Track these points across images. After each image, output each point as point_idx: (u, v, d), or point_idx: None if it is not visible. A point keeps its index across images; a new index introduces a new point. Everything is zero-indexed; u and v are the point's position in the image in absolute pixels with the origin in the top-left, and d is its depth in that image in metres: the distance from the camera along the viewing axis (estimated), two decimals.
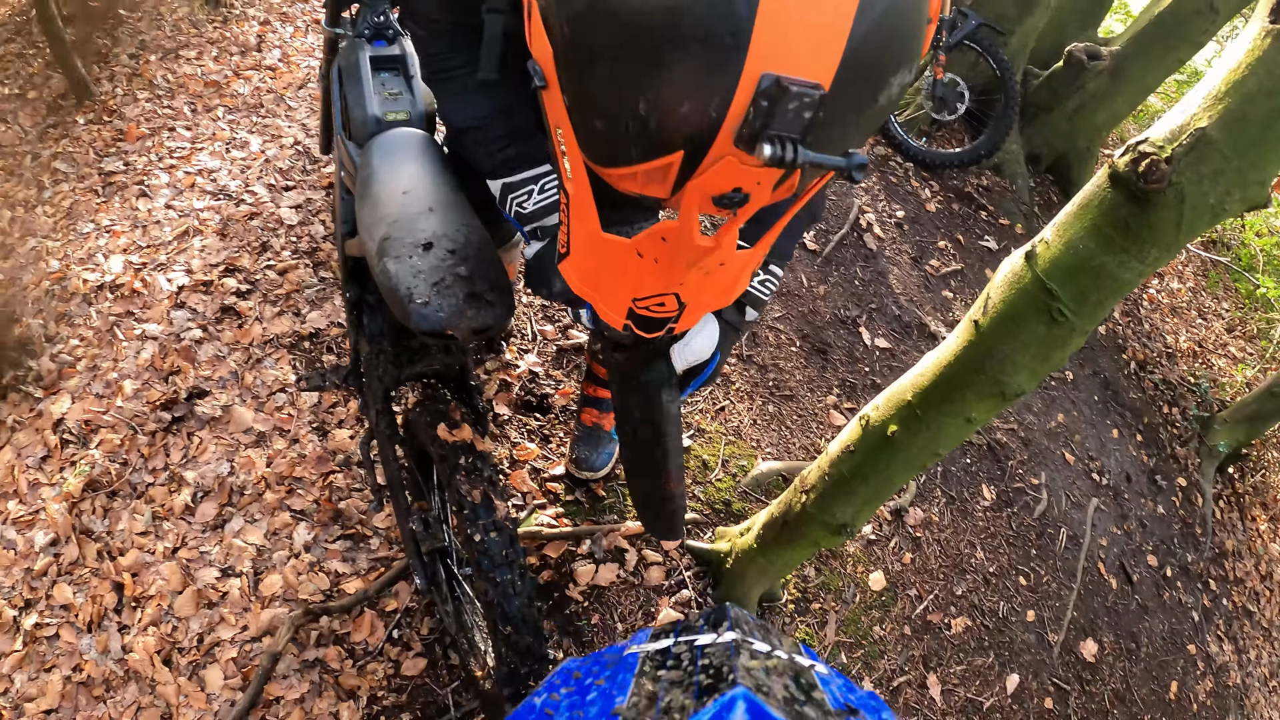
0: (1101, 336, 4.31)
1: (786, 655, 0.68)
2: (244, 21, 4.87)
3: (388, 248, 1.46)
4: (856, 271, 3.79)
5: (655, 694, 0.59)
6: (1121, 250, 1.41)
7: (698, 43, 0.71)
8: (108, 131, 3.86)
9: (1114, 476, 3.65)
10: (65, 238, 3.30)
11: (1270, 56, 1.26)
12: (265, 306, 2.97)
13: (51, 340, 2.89)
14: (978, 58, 4.65)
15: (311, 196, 3.51)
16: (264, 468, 2.53)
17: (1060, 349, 1.57)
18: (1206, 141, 1.31)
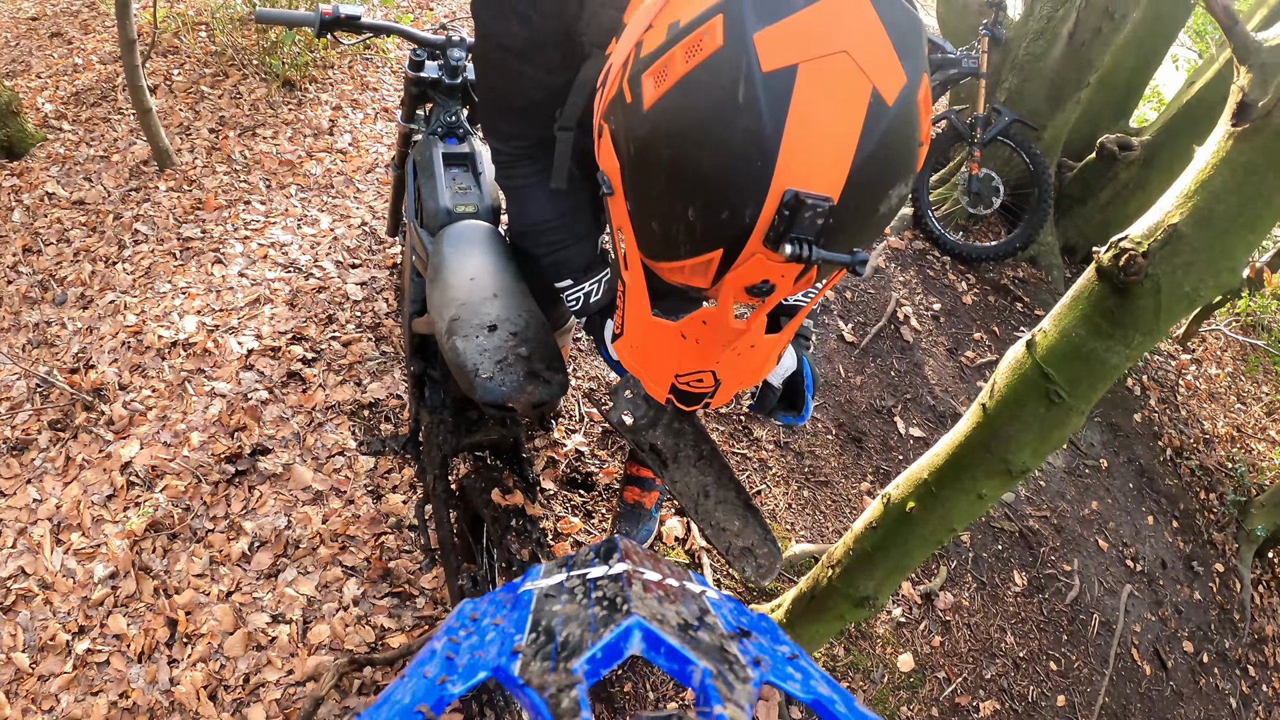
0: (1137, 424, 4.32)
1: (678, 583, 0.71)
2: (317, 106, 5.18)
3: (456, 327, 1.60)
4: (893, 363, 3.88)
5: (552, 629, 0.60)
6: (1109, 337, 1.54)
7: (736, 165, 0.88)
8: (187, 199, 4.10)
9: (1149, 563, 3.64)
10: (143, 295, 3.50)
11: (1233, 156, 1.40)
12: (329, 375, 3.14)
13: (125, 388, 3.07)
14: (1011, 153, 4.74)
15: (376, 275, 3.70)
16: (319, 524, 2.65)
17: (1059, 429, 1.68)
18: (1179, 236, 1.44)
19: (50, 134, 4.70)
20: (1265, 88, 1.38)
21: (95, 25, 6.22)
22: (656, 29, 0.94)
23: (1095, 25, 4.31)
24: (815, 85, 0.85)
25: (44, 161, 4.46)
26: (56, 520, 2.69)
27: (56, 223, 4.01)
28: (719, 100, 0.87)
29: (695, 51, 0.88)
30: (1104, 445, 4.03)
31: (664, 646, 0.56)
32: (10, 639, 2.40)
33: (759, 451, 3.19)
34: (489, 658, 0.59)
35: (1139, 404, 4.47)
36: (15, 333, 3.42)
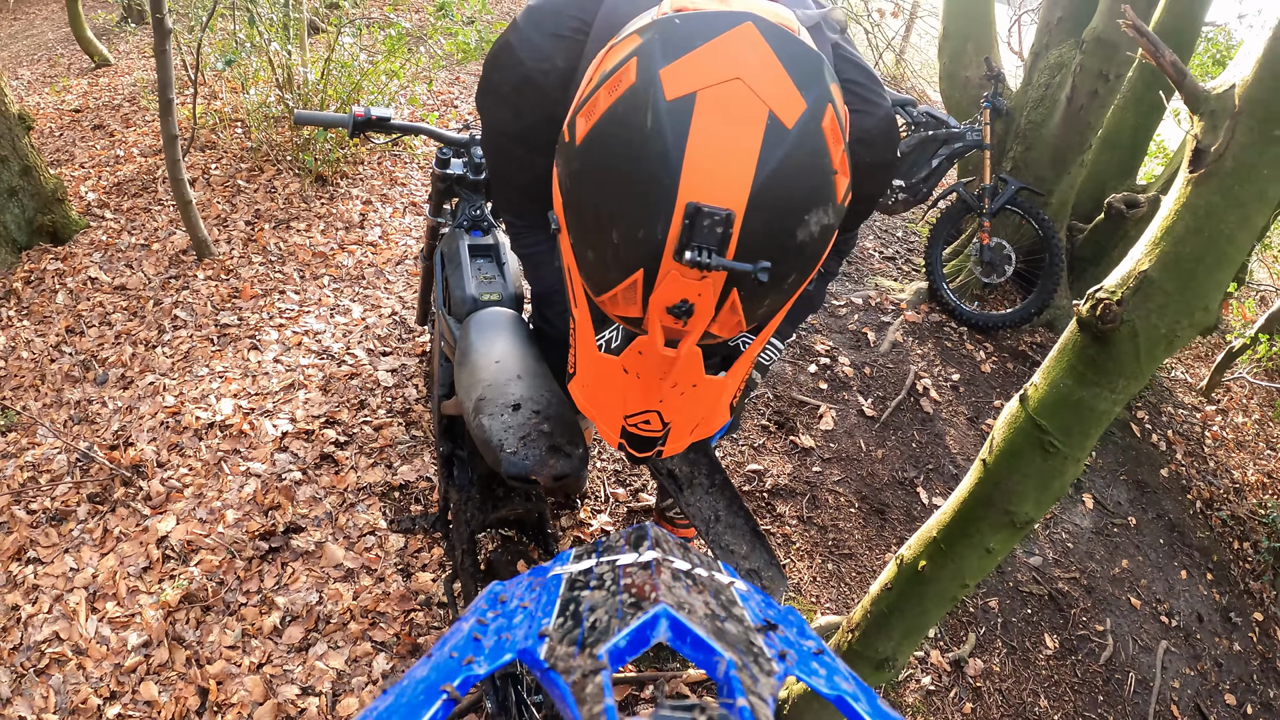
0: (1164, 479, 4.27)
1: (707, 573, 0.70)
2: (348, 200, 5.39)
3: (482, 406, 1.70)
4: (914, 434, 3.92)
5: (580, 614, 0.60)
6: (1094, 384, 1.59)
7: (648, 186, 0.97)
8: (225, 288, 4.27)
9: (1184, 618, 3.58)
10: (181, 377, 3.63)
11: (1193, 201, 1.46)
12: (361, 457, 3.23)
13: (162, 466, 3.18)
14: (1021, 220, 4.78)
15: (406, 362, 3.81)
16: (350, 600, 2.70)
17: (1058, 478, 1.72)
18: (1149, 282, 1.49)
19: (93, 221, 4.91)
20: (1216, 133, 1.46)
21: (136, 119, 6.50)
22: (592, 79, 1.06)
23: (1091, 88, 4.39)
24: (713, 109, 0.95)
25: (87, 247, 4.65)
26: (92, 589, 2.75)
27: (99, 306, 4.17)
28: (633, 128, 0.97)
29: (615, 89, 0.99)
30: (1131, 503, 4.01)
31: (690, 636, 0.56)
32: (43, 701, 2.44)
33: (782, 527, 3.23)
34: (516, 640, 0.59)
35: (1165, 459, 4.43)
36: (58, 409, 3.56)
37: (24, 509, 3.05)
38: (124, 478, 3.11)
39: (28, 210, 4.64)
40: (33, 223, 4.66)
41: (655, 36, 0.99)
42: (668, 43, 0.98)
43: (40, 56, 9.24)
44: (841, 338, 4.46)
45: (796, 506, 3.33)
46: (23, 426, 3.47)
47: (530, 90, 1.37)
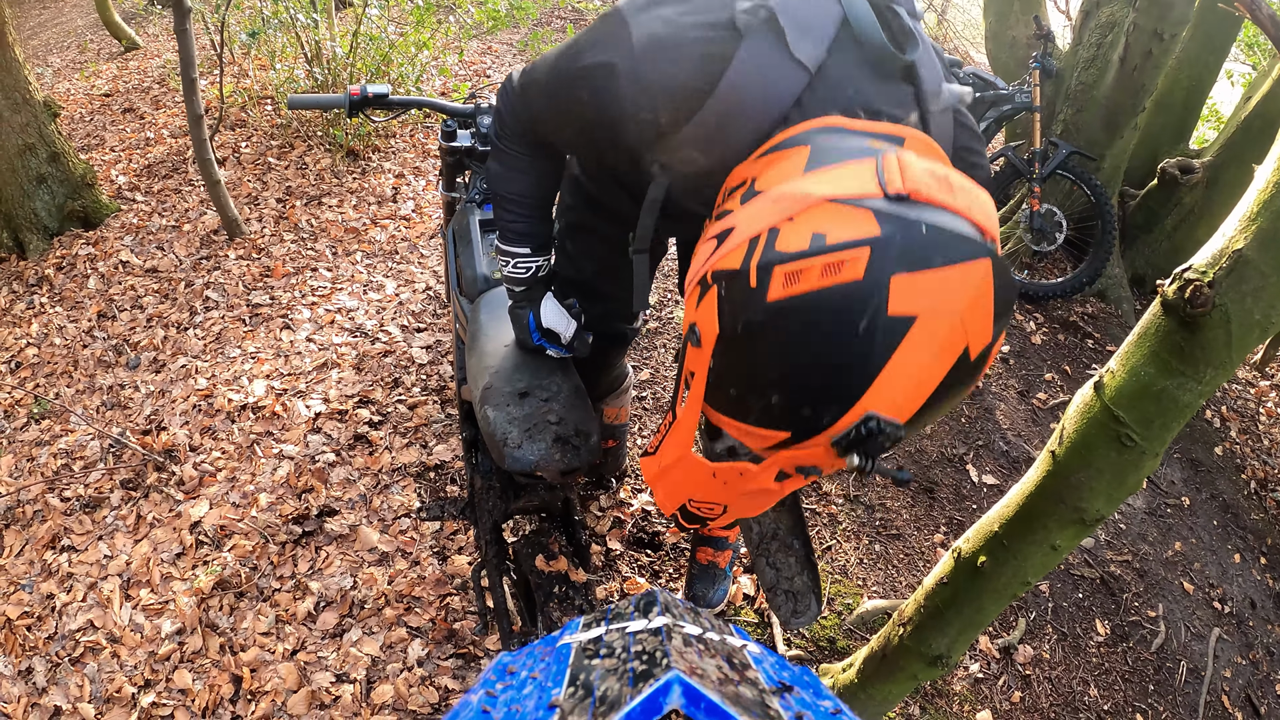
0: (1218, 458, 4.16)
1: (719, 637, 0.70)
2: (380, 174, 5.33)
3: (488, 396, 1.64)
4: (963, 409, 3.82)
5: (590, 683, 0.59)
6: (1179, 374, 1.47)
7: (835, 380, 0.93)
8: (256, 267, 4.23)
9: (1237, 603, 3.48)
10: (213, 359, 3.60)
11: None
12: (395, 437, 3.18)
13: (195, 450, 3.14)
14: (1072, 185, 4.68)
15: (441, 338, 3.76)
16: (385, 585, 2.66)
17: (1133, 473, 1.60)
18: (1245, 262, 1.36)
19: (124, 205, 4.89)
20: None
21: (166, 101, 6.49)
22: (799, 228, 0.97)
23: (1145, 48, 4.25)
24: (925, 335, 0.91)
25: (118, 231, 4.63)
26: (126, 576, 2.74)
27: (130, 290, 4.14)
28: (842, 324, 0.92)
29: (834, 272, 0.92)
30: (1185, 482, 3.89)
31: (704, 702, 0.55)
32: (78, 690, 2.43)
33: (828, 506, 3.14)
34: (526, 711, 0.59)
35: (1219, 437, 4.31)
36: (90, 394, 3.53)
37: (58, 496, 3.04)
38: (157, 463, 3.07)
39: (57, 196, 4.63)
40: (63, 209, 4.65)
41: (896, 237, 0.92)
42: (907, 251, 0.92)
43: (69, 43, 9.27)
44: None
45: (842, 485, 3.24)
46: (56, 414, 3.45)
47: (612, 132, 1.27)
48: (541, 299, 1.74)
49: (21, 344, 3.90)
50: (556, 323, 1.72)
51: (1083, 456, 1.63)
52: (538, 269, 1.72)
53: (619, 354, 2.26)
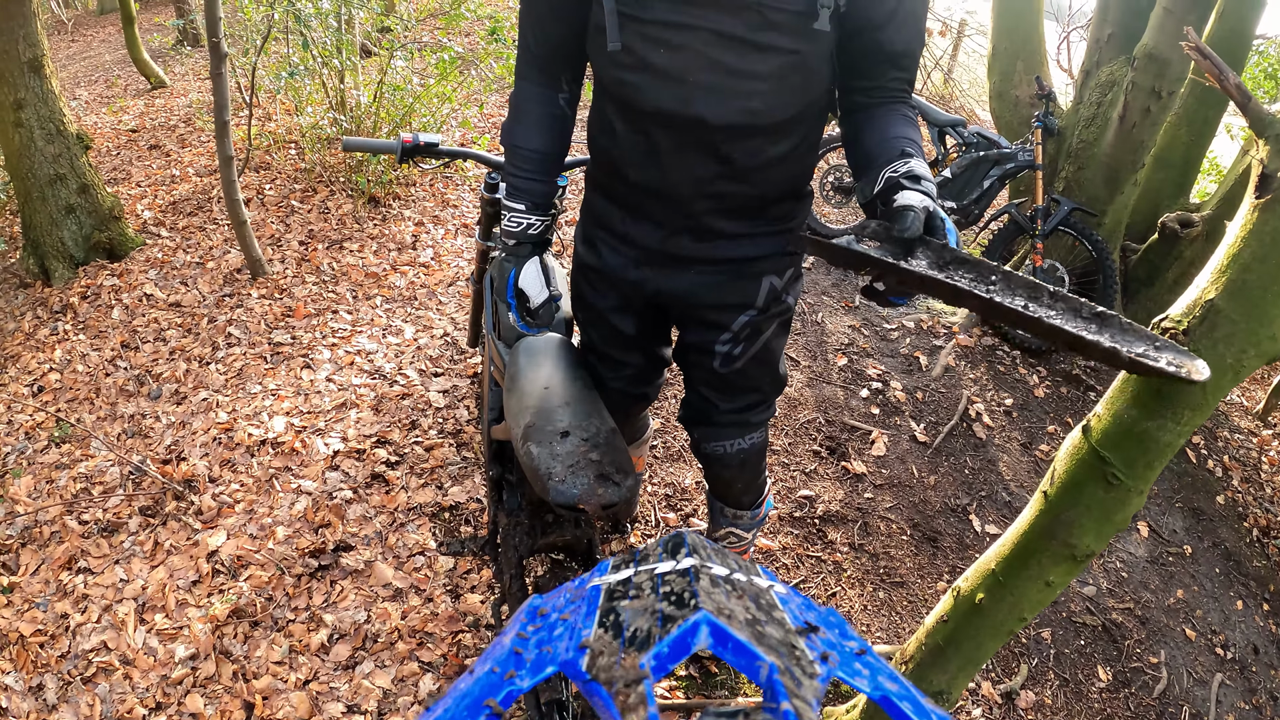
0: (1220, 506, 4.16)
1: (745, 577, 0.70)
2: (401, 221, 5.45)
3: (531, 434, 1.69)
4: (966, 460, 3.85)
5: (620, 624, 0.59)
6: (1159, 415, 1.54)
7: None
8: (278, 307, 4.32)
9: (1240, 649, 3.47)
10: (234, 394, 3.67)
11: (1259, 227, 1.43)
12: (411, 478, 3.23)
13: (214, 481, 3.21)
14: (1074, 241, 4.71)
15: (458, 383, 3.82)
16: (398, 620, 2.69)
17: (1120, 510, 1.67)
18: (1216, 311, 1.46)
19: (149, 239, 5.00)
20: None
21: (191, 140, 6.63)
22: None
23: (1144, 106, 4.31)
24: None
25: (143, 264, 4.73)
26: (141, 600, 2.77)
27: (154, 322, 4.23)
28: None
29: None
30: (1187, 531, 3.91)
31: (731, 642, 0.55)
32: (88, 709, 2.46)
33: (833, 554, 3.18)
34: (557, 652, 0.59)
35: (1221, 486, 4.32)
36: (111, 422, 3.60)
37: (76, 519, 3.09)
38: (176, 492, 3.13)
39: (85, 227, 4.73)
40: (90, 239, 4.76)
41: None
42: None
43: (98, 77, 9.46)
44: (893, 362, 4.42)
45: (848, 533, 3.29)
46: (77, 438, 3.52)
47: None
48: (527, 259, 1.83)
49: (44, 368, 3.98)
50: (530, 285, 1.82)
51: (1072, 495, 1.72)
52: (529, 226, 1.81)
53: (641, 409, 2.36)
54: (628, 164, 1.68)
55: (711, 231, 1.72)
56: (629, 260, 1.82)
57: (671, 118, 1.54)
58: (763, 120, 1.54)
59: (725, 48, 1.45)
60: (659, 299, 1.86)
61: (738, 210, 1.69)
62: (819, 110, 1.65)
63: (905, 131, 1.59)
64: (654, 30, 1.46)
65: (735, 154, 1.58)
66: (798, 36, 1.45)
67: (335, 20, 5.75)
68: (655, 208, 1.72)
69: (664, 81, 1.50)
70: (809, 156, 1.73)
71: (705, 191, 1.64)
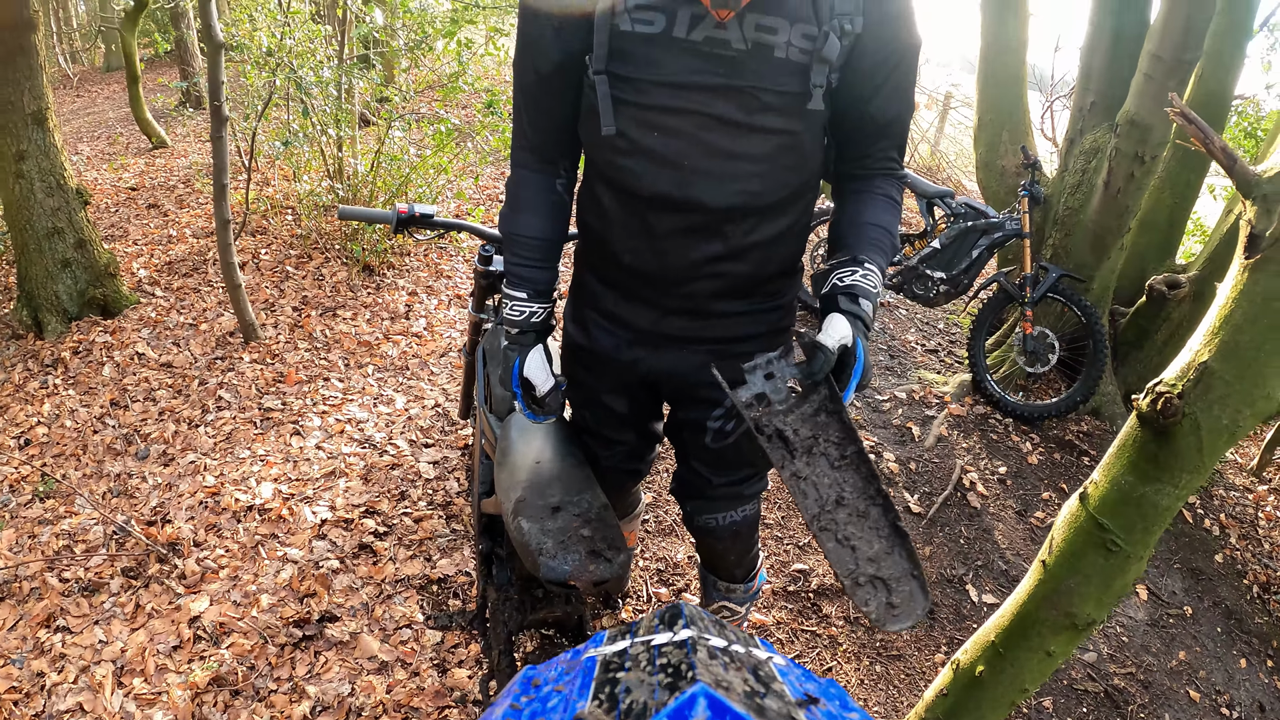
0: (1219, 565, 4.14)
1: (744, 649, 0.69)
2: (394, 291, 5.48)
3: (522, 508, 1.69)
4: (961, 530, 3.83)
5: (616, 695, 0.58)
6: (1156, 480, 1.55)
7: None
8: (269, 372, 4.32)
9: (1245, 708, 3.43)
10: (223, 458, 3.65)
11: (1250, 287, 1.45)
12: (400, 549, 3.20)
13: (199, 545, 3.18)
14: (1063, 307, 4.75)
15: (448, 455, 3.81)
16: (383, 694, 2.63)
17: (1120, 577, 1.67)
18: (1210, 373, 1.46)
19: (143, 298, 5.02)
20: (1270, 217, 1.45)
21: (190, 201, 6.70)
22: None
23: (1127, 171, 4.36)
24: None
25: (136, 323, 4.74)
26: (120, 663, 2.71)
27: (144, 381, 4.23)
28: None
29: None
30: (1186, 592, 3.89)
31: (729, 714, 0.55)
32: None
33: (828, 628, 3.15)
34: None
35: (1219, 544, 4.31)
36: (97, 480, 3.58)
37: (56, 576, 3.05)
38: (160, 554, 3.11)
39: (80, 282, 4.75)
40: (84, 294, 4.77)
41: None
42: None
43: (100, 133, 9.57)
44: (885, 433, 4.43)
45: (843, 607, 3.27)
46: (61, 494, 3.50)
47: None
48: (531, 348, 1.81)
49: (32, 421, 3.96)
50: (535, 374, 1.79)
51: (1071, 564, 1.72)
52: (531, 315, 1.80)
53: (633, 484, 2.38)
54: (622, 247, 1.69)
55: (706, 311, 1.73)
56: (622, 341, 1.83)
57: (669, 202, 1.55)
58: (760, 201, 1.56)
59: (720, 131, 1.47)
60: (652, 378, 1.87)
61: (732, 290, 1.71)
62: (813, 187, 1.67)
63: (880, 218, 1.62)
64: (649, 115, 1.48)
65: (733, 235, 1.60)
66: (792, 117, 1.48)
67: (335, 89, 5.86)
68: (649, 289, 1.73)
69: (660, 166, 1.52)
70: (803, 233, 1.75)
71: (702, 273, 1.66)
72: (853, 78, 1.50)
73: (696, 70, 1.43)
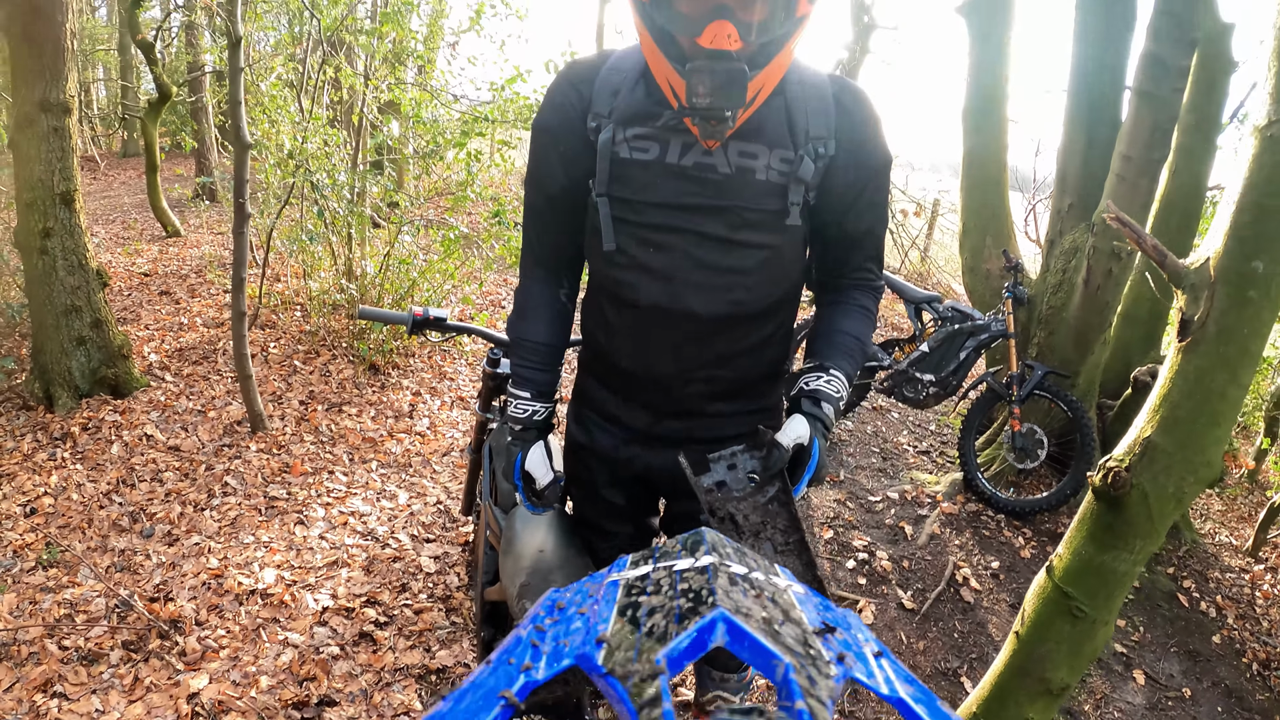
0: (1216, 646, 4.12)
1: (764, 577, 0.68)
2: (399, 390, 5.62)
3: (526, 591, 1.79)
4: (955, 624, 3.85)
5: (638, 619, 0.58)
6: (1113, 548, 1.66)
7: None
8: (275, 462, 4.41)
9: None
10: (227, 542, 3.71)
11: (1184, 367, 1.58)
12: (399, 639, 3.23)
13: (201, 625, 3.22)
14: (1050, 404, 4.81)
15: (449, 550, 3.88)
16: None
17: (1089, 641, 1.76)
18: (1153, 446, 1.60)
19: (153, 381, 5.13)
20: (1198, 304, 1.59)
21: (201, 291, 6.86)
22: None
23: (1106, 268, 4.46)
24: None
25: (145, 405, 4.84)
26: None
27: (152, 463, 4.32)
28: None
29: None
30: (1184, 674, 3.88)
31: (748, 640, 0.55)
32: None
33: None
34: (573, 646, 0.59)
35: (1216, 625, 4.31)
36: (101, 553, 3.64)
37: (56, 643, 3.08)
38: (161, 630, 3.16)
39: (93, 360, 4.86)
40: (97, 373, 4.87)
41: None
42: None
43: (115, 218, 9.79)
44: (879, 533, 4.49)
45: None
46: (65, 565, 3.55)
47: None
48: (533, 444, 1.90)
49: (39, 491, 4.02)
50: (536, 468, 1.88)
51: (1042, 632, 1.82)
52: (534, 413, 1.89)
53: None
54: (620, 353, 1.81)
55: (698, 413, 1.84)
56: (620, 440, 1.93)
57: (664, 312, 1.67)
58: (746, 310, 1.68)
59: (710, 247, 1.61)
60: (647, 474, 1.96)
61: (722, 393, 1.82)
62: (795, 296, 1.81)
63: (851, 327, 1.78)
64: (645, 233, 1.62)
65: (721, 342, 1.72)
66: (772, 232, 1.61)
67: (349, 192, 6.09)
68: (645, 393, 1.84)
69: (655, 279, 1.65)
70: (787, 339, 1.88)
71: (693, 377, 1.77)
72: (828, 195, 1.64)
73: (687, 192, 1.57)
